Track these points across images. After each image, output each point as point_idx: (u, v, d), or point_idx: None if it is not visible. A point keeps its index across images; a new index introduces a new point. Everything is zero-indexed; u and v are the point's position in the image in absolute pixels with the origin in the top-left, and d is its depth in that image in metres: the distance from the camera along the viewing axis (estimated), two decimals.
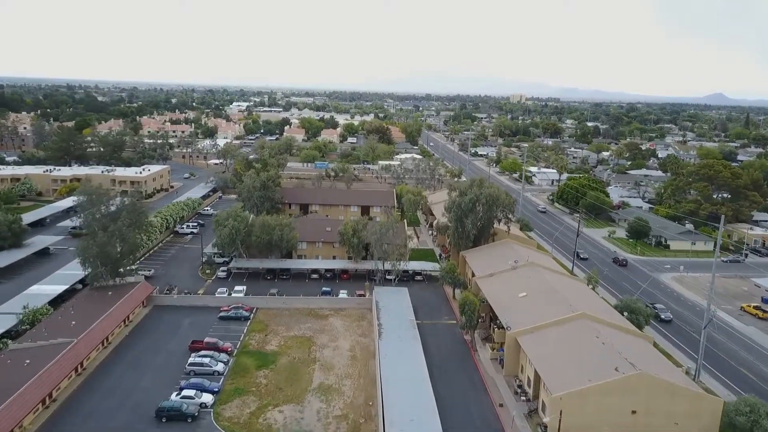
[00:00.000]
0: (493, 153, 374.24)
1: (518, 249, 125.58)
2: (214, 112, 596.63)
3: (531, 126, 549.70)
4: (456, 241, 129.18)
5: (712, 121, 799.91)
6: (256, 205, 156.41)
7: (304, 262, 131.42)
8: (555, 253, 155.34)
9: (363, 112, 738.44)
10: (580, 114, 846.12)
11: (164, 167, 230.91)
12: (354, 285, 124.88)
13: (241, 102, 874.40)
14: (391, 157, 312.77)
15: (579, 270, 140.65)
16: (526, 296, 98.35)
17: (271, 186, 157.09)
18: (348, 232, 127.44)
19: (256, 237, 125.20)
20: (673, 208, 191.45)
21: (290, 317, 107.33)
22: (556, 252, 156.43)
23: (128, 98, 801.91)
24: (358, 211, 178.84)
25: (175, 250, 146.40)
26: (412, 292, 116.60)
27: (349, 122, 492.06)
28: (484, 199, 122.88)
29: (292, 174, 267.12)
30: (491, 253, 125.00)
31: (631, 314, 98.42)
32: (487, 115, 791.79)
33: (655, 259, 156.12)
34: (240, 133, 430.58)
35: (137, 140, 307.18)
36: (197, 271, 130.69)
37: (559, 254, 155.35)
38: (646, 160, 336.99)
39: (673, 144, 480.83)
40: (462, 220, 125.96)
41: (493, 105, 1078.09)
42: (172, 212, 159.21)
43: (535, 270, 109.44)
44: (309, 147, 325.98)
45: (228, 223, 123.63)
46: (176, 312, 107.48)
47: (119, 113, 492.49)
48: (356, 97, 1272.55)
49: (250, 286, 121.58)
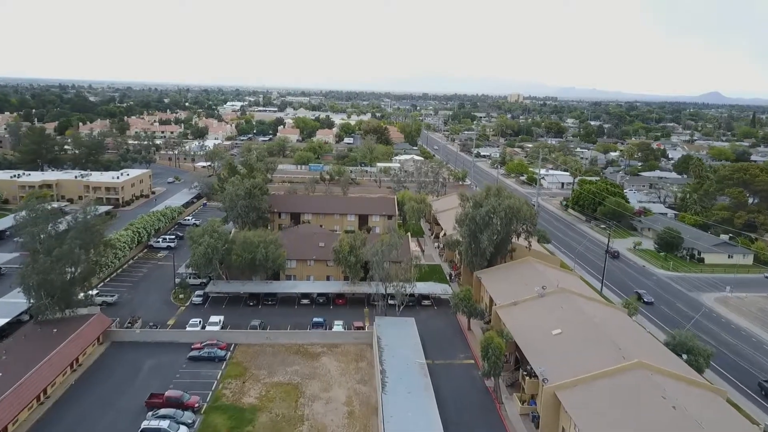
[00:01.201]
0: (496, 154, 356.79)
1: (542, 269, 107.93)
2: (206, 112, 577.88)
3: (533, 125, 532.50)
4: (469, 259, 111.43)
5: (716, 119, 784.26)
6: (240, 215, 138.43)
7: (293, 284, 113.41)
8: (578, 269, 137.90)
9: (360, 111, 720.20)
10: (581, 113, 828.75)
11: (144, 171, 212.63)
12: (351, 312, 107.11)
13: (236, 102, 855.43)
14: (390, 159, 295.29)
15: (609, 291, 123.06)
16: (561, 334, 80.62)
17: (257, 194, 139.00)
18: (344, 250, 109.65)
19: (237, 256, 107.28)
20: (702, 216, 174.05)
21: (274, 356, 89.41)
22: (579, 268, 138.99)
23: (120, 98, 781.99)
24: (355, 220, 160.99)
25: (147, 268, 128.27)
26: (419, 321, 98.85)
27: (346, 122, 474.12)
28: (503, 211, 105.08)
29: (285, 177, 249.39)
30: (511, 274, 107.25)
31: (688, 354, 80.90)
32: (486, 115, 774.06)
33: (692, 275, 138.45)
34: (232, 134, 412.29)
35: (120, 142, 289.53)
36: (170, 295, 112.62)
37: (582, 270, 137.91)
38: (658, 161, 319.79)
39: (681, 143, 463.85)
40: (476, 236, 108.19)
41: (491, 104, 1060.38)
42: (146, 224, 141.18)
43: (566, 298, 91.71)
44: (303, 148, 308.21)
45: (203, 241, 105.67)
46: (138, 350, 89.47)
47: (106, 113, 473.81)
48: (353, 97, 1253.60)
49: (229, 314, 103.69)
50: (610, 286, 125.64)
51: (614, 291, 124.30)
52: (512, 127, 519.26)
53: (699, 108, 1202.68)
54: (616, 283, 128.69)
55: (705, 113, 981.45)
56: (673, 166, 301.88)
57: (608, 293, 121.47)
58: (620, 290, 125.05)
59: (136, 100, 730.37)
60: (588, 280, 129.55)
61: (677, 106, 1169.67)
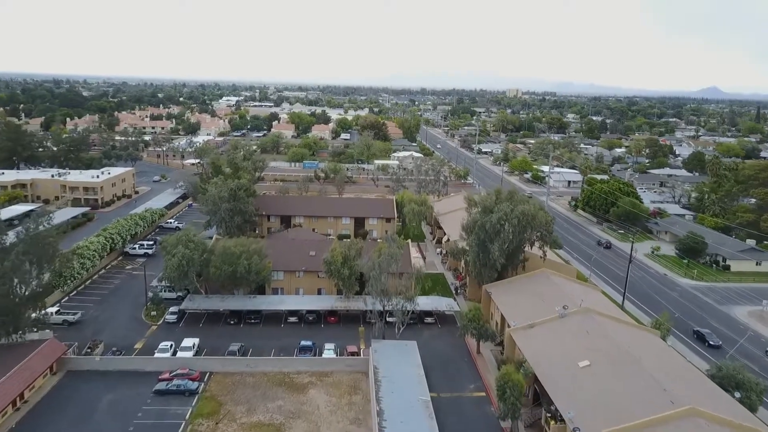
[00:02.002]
0: (498, 150, 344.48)
1: (559, 282, 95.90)
2: (200, 107, 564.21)
3: (534, 121, 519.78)
4: (477, 270, 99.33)
5: (718, 114, 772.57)
6: (223, 219, 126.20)
7: (279, 299, 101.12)
8: (594, 278, 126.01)
9: (357, 106, 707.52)
10: (581, 108, 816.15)
11: (127, 170, 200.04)
12: (344, 332, 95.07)
13: (231, 97, 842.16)
14: (388, 156, 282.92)
15: (631, 305, 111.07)
16: (590, 366, 68.55)
17: (242, 196, 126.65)
18: (336, 261, 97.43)
19: (216, 269, 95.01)
20: (722, 218, 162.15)
21: (255, 388, 77.25)
22: (595, 277, 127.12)
23: (114, 93, 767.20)
24: (350, 223, 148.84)
25: (120, 279, 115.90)
26: (421, 343, 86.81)
27: (343, 117, 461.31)
28: (516, 218, 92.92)
29: (277, 175, 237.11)
30: (525, 288, 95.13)
31: (739, 390, 68.87)
32: (485, 110, 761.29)
33: (719, 285, 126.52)
34: (225, 130, 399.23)
35: (106, 138, 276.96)
36: (141, 311, 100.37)
37: (598, 279, 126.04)
38: (666, 158, 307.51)
39: (686, 139, 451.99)
40: (485, 246, 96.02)
41: (490, 99, 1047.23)
42: (122, 228, 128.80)
43: (591, 319, 79.63)
44: (298, 144, 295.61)
45: (177, 251, 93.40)
46: (97, 382, 77.26)
47: (96, 108, 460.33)
48: (350, 92, 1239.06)
49: (206, 335, 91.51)
50: (633, 299, 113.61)
51: (636, 304, 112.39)
52: (513, 122, 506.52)
53: (699, 103, 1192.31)
54: (638, 295, 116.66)
55: (706, 108, 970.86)
56: (682, 162, 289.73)
57: (630, 307, 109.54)
58: (643, 303, 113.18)
59: (129, 95, 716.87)
60: (605, 290, 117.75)
61: (677, 101, 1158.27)
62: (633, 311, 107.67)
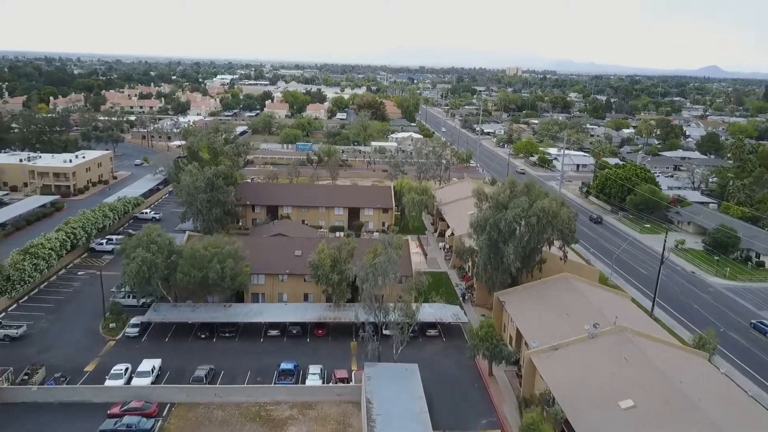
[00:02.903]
0: (500, 130, 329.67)
1: (583, 290, 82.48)
2: (192, 85, 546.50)
3: (537, 100, 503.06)
4: (488, 275, 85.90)
5: (724, 93, 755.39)
6: (200, 212, 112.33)
7: (259, 308, 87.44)
8: (615, 277, 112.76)
9: (354, 85, 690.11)
10: (583, 87, 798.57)
11: (104, 153, 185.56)
12: (333, 348, 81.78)
13: (226, 75, 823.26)
14: (386, 137, 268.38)
15: (662, 312, 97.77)
16: (635, 409, 55.29)
17: (221, 185, 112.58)
18: (324, 265, 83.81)
19: (183, 275, 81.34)
20: (751, 208, 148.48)
21: (224, 424, 64.01)
22: (616, 276, 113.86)
23: (106, 71, 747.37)
24: (344, 214, 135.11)
25: (81, 281, 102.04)
26: (424, 362, 73.60)
27: (339, 96, 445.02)
28: (535, 216, 79.17)
29: (268, 158, 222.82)
30: (544, 297, 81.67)
31: None
32: (486, 88, 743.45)
33: (755, 285, 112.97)
34: (216, 109, 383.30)
35: (88, 118, 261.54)
36: (99, 323, 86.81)
37: (619, 278, 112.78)
38: (678, 139, 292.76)
39: (694, 119, 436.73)
40: (498, 247, 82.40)
41: (490, 78, 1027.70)
42: (87, 221, 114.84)
43: (628, 341, 66.31)
44: (291, 125, 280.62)
45: (137, 255, 79.66)
46: (32, 419, 63.97)
47: (83, 87, 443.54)
48: (348, 70, 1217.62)
49: (172, 353, 78.18)
50: (661, 303, 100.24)
51: (666, 309, 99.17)
52: (515, 101, 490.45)
53: (701, 82, 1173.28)
54: (666, 297, 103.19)
55: (709, 87, 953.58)
56: (696, 144, 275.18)
57: (661, 315, 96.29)
58: (673, 307, 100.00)
59: (120, 72, 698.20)
60: (628, 290, 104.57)
61: (679, 80, 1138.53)
62: (664, 319, 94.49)
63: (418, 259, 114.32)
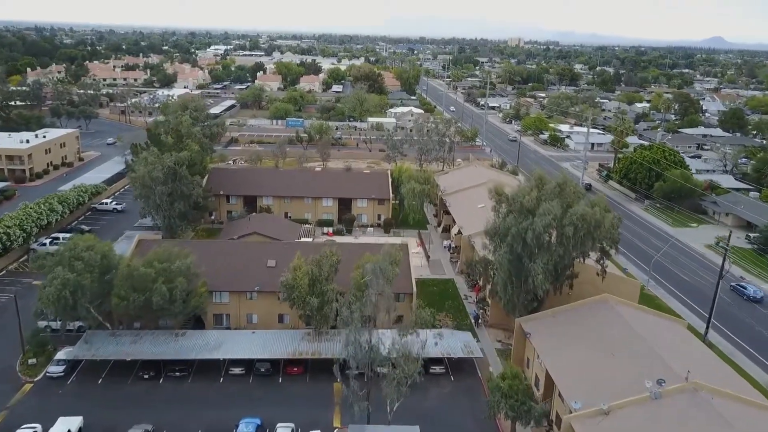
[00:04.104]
0: (506, 105, 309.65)
1: (630, 318, 64.53)
2: (182, 56, 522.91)
3: (543, 72, 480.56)
4: (509, 298, 68.14)
5: (734, 65, 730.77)
6: (159, 207, 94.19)
7: (220, 337, 69.32)
8: (651, 286, 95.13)
9: (353, 55, 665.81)
10: (588, 58, 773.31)
11: (70, 132, 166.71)
12: (311, 392, 64.38)
13: (221, 45, 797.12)
14: (384, 112, 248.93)
15: (716, 335, 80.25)
16: None
17: (185, 175, 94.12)
18: (300, 285, 65.90)
19: (119, 299, 63.58)
20: None
21: None
22: (654, 284, 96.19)
23: (95, 41, 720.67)
24: (334, 205, 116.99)
25: (9, 296, 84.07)
26: (427, 420, 56.42)
27: (336, 67, 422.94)
28: (572, 226, 61.07)
29: (255, 136, 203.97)
30: (580, 327, 63.90)
31: None
32: (488, 60, 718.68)
33: None
34: (205, 81, 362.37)
35: (62, 92, 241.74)
36: (17, 358, 69.12)
37: (658, 287, 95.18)
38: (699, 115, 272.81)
39: (707, 92, 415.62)
40: (522, 263, 64.50)
41: (492, 49, 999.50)
42: (26, 218, 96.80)
43: (704, 403, 48.79)
44: (282, 99, 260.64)
45: (57, 275, 61.70)
46: None
47: (66, 57, 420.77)
48: (346, 41, 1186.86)
49: (103, 402, 60.79)
50: (716, 323, 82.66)
51: (721, 330, 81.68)
52: (520, 73, 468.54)
53: (708, 53, 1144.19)
54: (719, 315, 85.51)
55: (717, 59, 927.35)
56: (718, 121, 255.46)
57: (717, 339, 78.86)
58: (729, 328, 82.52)
59: (109, 42, 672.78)
60: (666, 300, 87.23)
61: (685, 52, 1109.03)
62: (720, 344, 77.06)
63: (419, 262, 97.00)
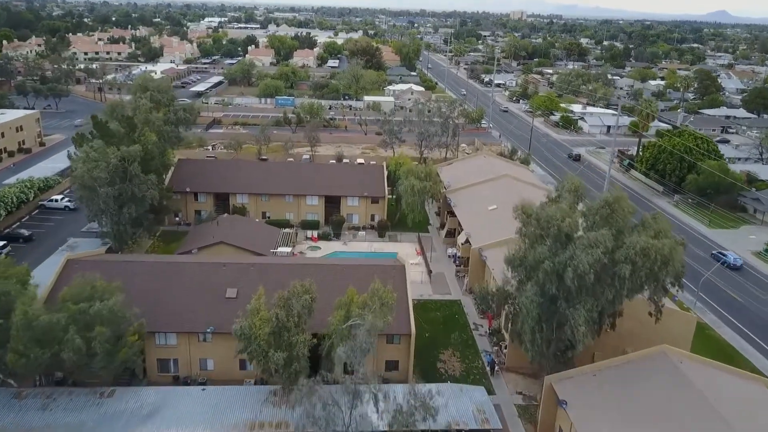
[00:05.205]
0: (512, 81, 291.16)
1: (696, 379, 48.33)
2: (172, 28, 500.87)
3: (548, 46, 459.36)
4: (537, 347, 51.80)
5: (746, 40, 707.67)
6: (106, 213, 77.46)
7: (159, 398, 53.08)
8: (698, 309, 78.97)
9: (351, 28, 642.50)
10: (594, 32, 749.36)
11: (28, 113, 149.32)
12: None
13: (215, 18, 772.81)
14: (382, 89, 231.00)
15: None
16: None
17: (136, 173, 77.14)
18: (258, 334, 49.49)
19: (18, 355, 47.23)
20: None
21: None
22: (702, 307, 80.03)
23: (86, 12, 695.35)
24: (320, 204, 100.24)
25: None
26: None
27: (332, 41, 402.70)
28: (630, 263, 44.57)
29: (240, 117, 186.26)
30: (632, 394, 47.71)
31: None
32: (491, 33, 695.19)
33: None
34: (192, 56, 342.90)
35: (33, 67, 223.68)
36: None
37: (705, 308, 79.10)
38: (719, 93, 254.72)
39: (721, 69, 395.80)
40: (556, 305, 48.16)
41: (495, 22, 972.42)
42: None
43: None
44: (272, 75, 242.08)
45: None
46: None
47: (49, 29, 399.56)
48: (345, 13, 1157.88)
49: None
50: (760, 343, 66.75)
51: None
52: (525, 48, 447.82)
53: (714, 27, 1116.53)
54: None
55: (725, 33, 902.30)
56: (741, 100, 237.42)
57: None
58: None
59: (97, 14, 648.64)
60: (720, 330, 71.34)
61: (690, 26, 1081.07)
62: None
63: (418, 277, 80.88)
